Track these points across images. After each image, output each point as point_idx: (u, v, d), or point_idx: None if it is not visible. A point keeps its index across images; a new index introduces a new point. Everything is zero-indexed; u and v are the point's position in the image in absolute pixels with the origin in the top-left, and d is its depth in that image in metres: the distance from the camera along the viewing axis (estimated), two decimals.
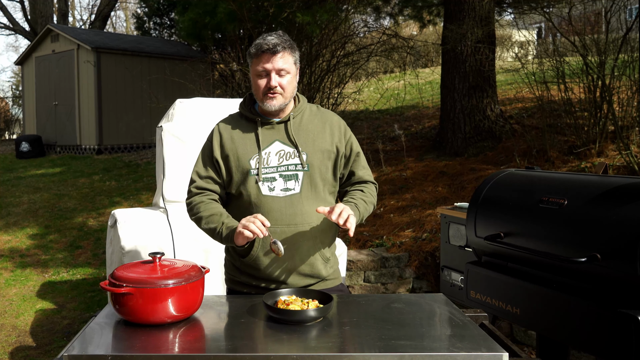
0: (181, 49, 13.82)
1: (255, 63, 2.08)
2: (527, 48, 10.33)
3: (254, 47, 2.08)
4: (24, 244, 6.59)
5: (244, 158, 2.09)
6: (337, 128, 2.20)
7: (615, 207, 1.94)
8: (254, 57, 2.08)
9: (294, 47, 2.11)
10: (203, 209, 2.09)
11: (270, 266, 2.08)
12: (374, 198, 2.25)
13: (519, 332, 3.76)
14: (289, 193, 2.07)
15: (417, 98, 11.78)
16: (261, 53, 2.05)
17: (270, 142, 2.11)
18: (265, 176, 2.07)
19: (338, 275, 2.25)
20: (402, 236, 5.12)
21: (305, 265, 2.12)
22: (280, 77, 2.07)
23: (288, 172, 2.09)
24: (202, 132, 3.91)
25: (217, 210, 2.08)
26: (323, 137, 2.15)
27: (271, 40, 2.04)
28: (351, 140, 2.22)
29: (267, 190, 2.07)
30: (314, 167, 2.10)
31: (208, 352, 1.56)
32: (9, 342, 4.08)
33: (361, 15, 10.24)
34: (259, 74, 2.08)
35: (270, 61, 2.05)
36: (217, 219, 2.05)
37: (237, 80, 9.07)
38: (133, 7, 25.61)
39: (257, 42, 2.08)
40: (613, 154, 5.53)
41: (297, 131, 2.13)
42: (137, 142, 12.72)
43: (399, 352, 1.52)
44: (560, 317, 2.05)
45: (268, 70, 2.06)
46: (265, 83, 2.07)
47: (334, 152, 2.16)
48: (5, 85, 33.50)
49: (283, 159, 2.09)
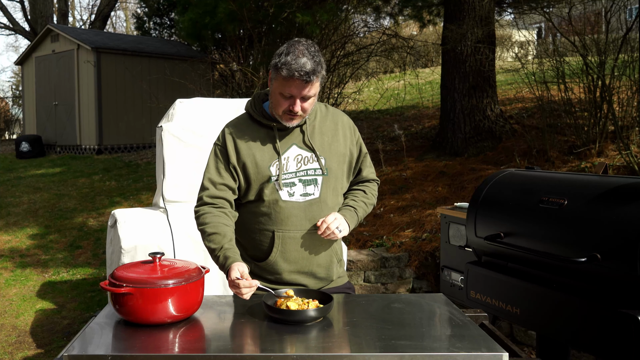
0: (181, 49, 13.82)
1: (282, 83, 1.94)
2: (527, 48, 10.34)
3: (284, 67, 1.90)
4: (24, 244, 6.59)
5: (263, 165, 2.03)
6: (349, 129, 2.18)
7: (615, 207, 1.94)
8: (282, 79, 1.93)
9: (323, 65, 1.98)
10: (209, 222, 2.01)
11: (288, 271, 2.09)
12: (375, 197, 2.27)
13: (519, 332, 3.76)
14: (309, 198, 2.06)
15: (417, 98, 11.78)
16: (291, 78, 1.91)
17: (287, 147, 2.07)
18: (285, 181, 2.04)
19: (344, 274, 2.28)
20: (402, 236, 5.12)
21: (322, 269, 2.13)
22: (304, 102, 1.98)
23: (307, 177, 2.06)
24: (202, 132, 3.91)
25: (222, 230, 1.99)
26: (337, 140, 2.13)
27: (305, 67, 1.89)
28: (360, 141, 2.22)
29: (287, 195, 2.04)
30: (332, 171, 2.10)
31: (208, 352, 1.56)
32: (9, 342, 4.08)
33: (361, 15, 10.25)
34: (283, 95, 1.96)
35: (300, 89, 1.93)
36: (218, 240, 1.97)
37: (237, 80, 9.07)
38: (133, 7, 25.62)
39: (288, 61, 1.90)
40: (613, 154, 5.53)
41: (312, 134, 2.09)
42: (137, 142, 12.72)
43: (399, 352, 1.52)
44: (560, 317, 2.05)
45: (294, 95, 1.95)
46: (287, 105, 1.97)
47: (347, 156, 2.16)
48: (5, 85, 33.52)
49: (301, 164, 2.06)
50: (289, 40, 2.00)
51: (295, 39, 2.02)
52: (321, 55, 1.98)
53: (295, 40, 1.99)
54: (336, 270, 2.20)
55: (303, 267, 2.09)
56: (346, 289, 2.22)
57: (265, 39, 9.01)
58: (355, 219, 2.12)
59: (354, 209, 2.13)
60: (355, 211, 2.13)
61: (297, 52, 1.91)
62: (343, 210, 2.12)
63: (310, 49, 1.94)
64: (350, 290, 2.24)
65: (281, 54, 1.94)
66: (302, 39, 2.01)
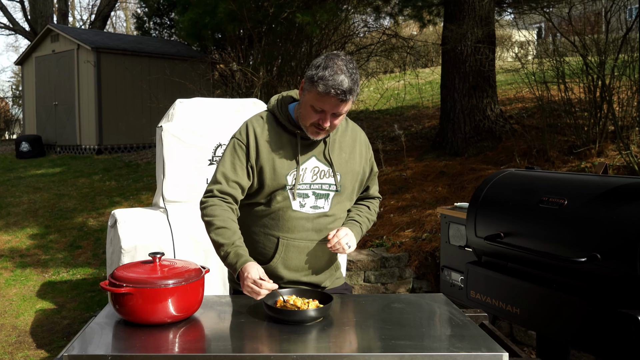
0: (181, 49, 13.82)
1: (316, 97, 1.89)
2: (527, 48, 10.34)
3: (321, 82, 1.86)
4: (24, 244, 6.59)
5: (281, 172, 2.01)
6: (365, 147, 2.18)
7: (615, 207, 1.94)
8: (317, 93, 1.88)
9: (359, 82, 1.93)
10: (218, 214, 1.97)
11: (287, 277, 2.09)
12: (376, 214, 2.30)
13: (519, 332, 3.76)
14: (318, 211, 2.05)
15: (417, 98, 11.77)
16: (327, 95, 1.86)
17: (307, 158, 2.04)
18: (300, 192, 2.03)
19: (341, 275, 2.29)
20: (402, 236, 5.12)
21: (320, 278, 2.15)
22: (335, 118, 1.94)
23: (321, 191, 2.05)
24: (202, 132, 3.91)
25: (231, 226, 1.96)
26: (354, 157, 2.12)
27: (342, 85, 1.85)
28: (372, 160, 2.22)
29: (298, 206, 2.03)
30: (345, 188, 2.09)
31: (208, 352, 1.56)
32: (9, 342, 4.08)
33: (361, 15, 10.25)
34: (315, 109, 1.92)
35: (333, 106, 1.89)
36: (228, 235, 1.94)
37: (237, 80, 9.08)
38: (133, 7, 25.62)
39: (326, 77, 1.86)
40: (613, 154, 5.53)
41: (332, 148, 2.08)
42: (137, 142, 12.72)
43: (399, 352, 1.52)
44: (560, 317, 2.05)
45: (326, 111, 1.91)
46: (317, 119, 1.93)
47: (361, 174, 2.15)
48: (5, 85, 33.53)
49: (317, 177, 2.05)
50: (328, 53, 1.95)
51: (334, 51, 1.97)
52: (358, 72, 1.93)
53: (333, 53, 1.93)
54: (335, 273, 2.21)
55: (302, 276, 2.10)
56: (344, 291, 2.22)
57: (265, 39, 9.02)
58: (360, 235, 2.14)
59: (359, 224, 2.14)
60: (360, 227, 2.14)
61: (335, 68, 1.86)
62: (349, 224, 2.12)
63: (348, 65, 1.89)
64: (347, 291, 2.24)
65: (319, 66, 1.88)
66: (341, 52, 1.96)
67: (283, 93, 2.13)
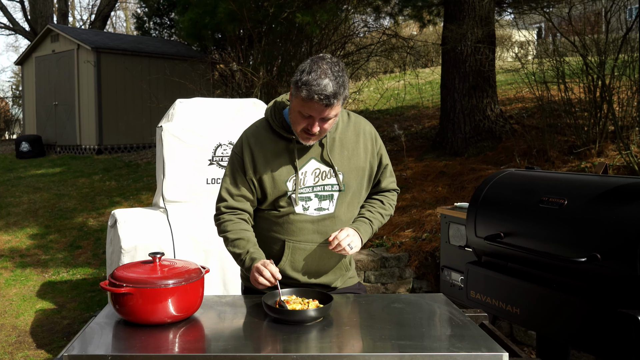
0: (181, 49, 13.82)
1: (301, 103, 1.85)
2: (527, 48, 10.35)
3: (304, 88, 1.82)
4: (24, 244, 6.59)
5: (280, 180, 2.00)
6: (370, 140, 2.12)
7: (615, 207, 1.94)
8: (302, 99, 1.84)
9: (346, 85, 1.87)
10: (231, 229, 2.02)
11: (297, 278, 2.09)
12: (392, 207, 2.25)
13: (519, 332, 3.76)
14: (322, 213, 2.04)
15: (417, 98, 11.77)
16: (310, 100, 1.82)
17: (306, 161, 2.02)
18: (301, 196, 2.02)
19: (355, 274, 2.26)
20: (402, 236, 5.12)
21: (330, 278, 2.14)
22: (323, 123, 1.90)
23: (324, 193, 2.04)
24: (202, 132, 3.92)
25: (245, 235, 2.00)
26: (357, 154, 2.08)
27: (326, 89, 1.80)
28: (381, 152, 2.17)
29: (302, 209, 2.03)
30: (350, 187, 2.07)
31: (208, 352, 1.56)
32: (9, 342, 4.08)
33: (361, 15, 10.26)
34: (302, 114, 1.88)
35: (319, 111, 1.85)
36: (243, 245, 1.98)
37: (237, 80, 9.08)
38: (133, 7, 25.62)
39: (309, 82, 1.81)
40: (613, 154, 5.53)
41: (332, 148, 2.05)
42: (137, 142, 12.72)
43: (399, 352, 1.52)
44: (560, 317, 2.05)
45: (314, 116, 1.87)
46: (306, 124, 1.90)
47: (367, 169, 2.11)
48: (5, 85, 33.52)
49: (319, 179, 2.03)
50: (313, 56, 1.90)
51: (320, 54, 1.93)
52: (345, 74, 1.88)
53: (319, 56, 1.89)
54: (346, 274, 2.19)
55: (311, 278, 2.10)
56: (357, 290, 2.21)
57: (265, 39, 9.02)
58: (370, 232, 2.11)
59: (369, 221, 2.11)
60: (370, 224, 2.11)
61: (319, 72, 1.82)
62: (358, 222, 2.10)
63: (333, 69, 1.84)
64: (361, 290, 2.23)
65: (303, 71, 1.85)
66: (327, 55, 1.91)
67: (278, 98, 2.11)
